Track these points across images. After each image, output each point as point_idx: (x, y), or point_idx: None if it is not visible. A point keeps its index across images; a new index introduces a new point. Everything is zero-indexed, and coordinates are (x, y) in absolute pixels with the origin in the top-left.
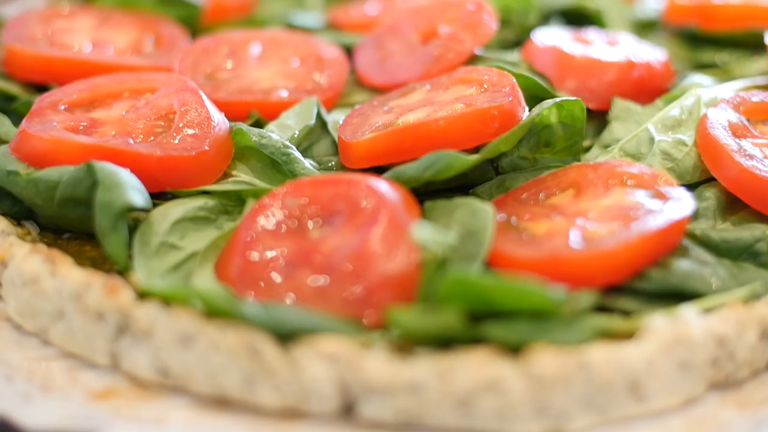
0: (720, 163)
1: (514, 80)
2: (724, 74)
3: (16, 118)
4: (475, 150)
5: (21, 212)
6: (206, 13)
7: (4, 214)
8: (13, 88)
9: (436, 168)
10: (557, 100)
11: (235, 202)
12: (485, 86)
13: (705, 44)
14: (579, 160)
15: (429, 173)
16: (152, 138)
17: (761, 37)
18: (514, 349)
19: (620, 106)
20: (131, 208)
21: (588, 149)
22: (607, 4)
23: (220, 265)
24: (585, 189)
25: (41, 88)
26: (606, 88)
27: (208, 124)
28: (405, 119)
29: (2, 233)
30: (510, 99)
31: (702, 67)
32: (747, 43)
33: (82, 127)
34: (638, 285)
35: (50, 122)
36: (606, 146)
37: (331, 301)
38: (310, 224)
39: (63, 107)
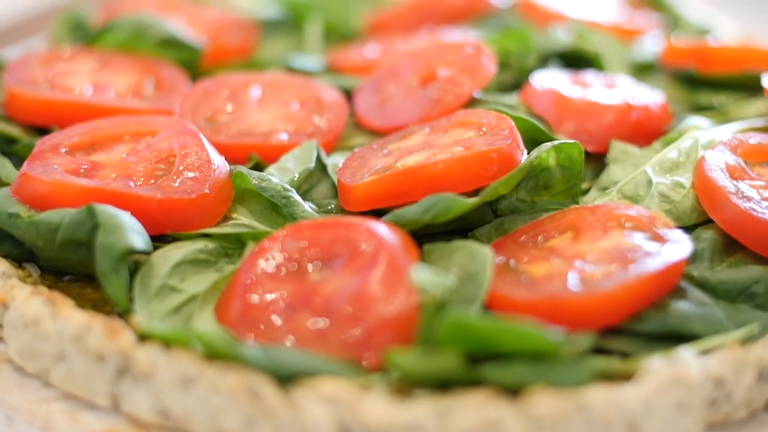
0: (717, 205)
1: (513, 123)
2: (721, 116)
3: (18, 160)
4: (474, 193)
5: (22, 254)
6: (206, 56)
7: (6, 257)
8: (14, 131)
9: (435, 211)
10: (555, 143)
11: (235, 244)
12: (484, 129)
13: (702, 86)
14: (577, 203)
15: (428, 216)
16: (153, 181)
17: (758, 80)
18: (513, 391)
19: (618, 148)
20: (132, 251)
21: (586, 192)
22: (605, 46)
23: (221, 308)
24: (583, 231)
25: (42, 130)
26: (604, 131)
27: (208, 167)
28: (404, 162)
29: (3, 275)
30: (508, 142)
31: (700, 109)
32: (744, 86)
33: (83, 170)
34: (636, 327)
35: (51, 165)
36: (604, 189)
37: (331, 343)
38: (309, 267)
39: (64, 150)
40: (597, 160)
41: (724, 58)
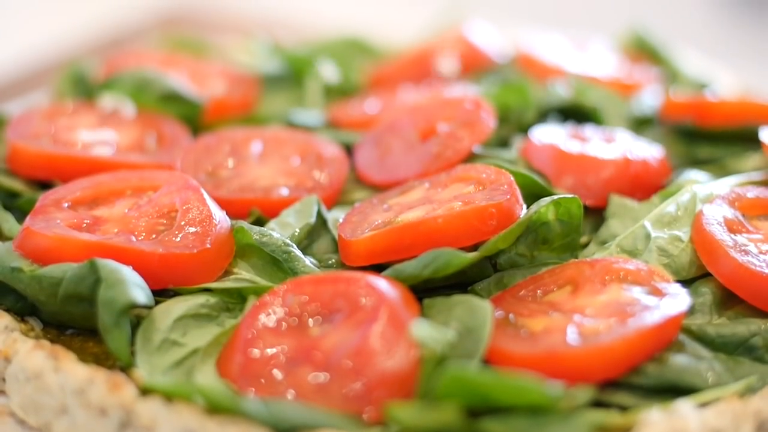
0: (716, 259)
1: (512, 178)
2: (720, 170)
3: (20, 214)
4: (474, 247)
5: (25, 308)
6: (207, 111)
7: (8, 310)
8: (16, 185)
9: (435, 266)
10: (554, 197)
11: (236, 299)
12: (483, 184)
13: (701, 140)
14: (576, 257)
15: (428, 271)
16: (154, 236)
17: (756, 133)
18: None
19: (617, 202)
20: (134, 305)
21: (585, 246)
22: (604, 101)
23: (222, 362)
24: (582, 286)
25: (45, 185)
26: (603, 185)
27: (209, 222)
28: (404, 217)
29: (6, 329)
30: (508, 197)
31: (698, 162)
32: (743, 139)
33: (85, 225)
34: (635, 380)
35: (54, 219)
36: (603, 243)
37: (332, 397)
38: (310, 321)
39: (66, 205)
40: (596, 214)
41: (723, 112)
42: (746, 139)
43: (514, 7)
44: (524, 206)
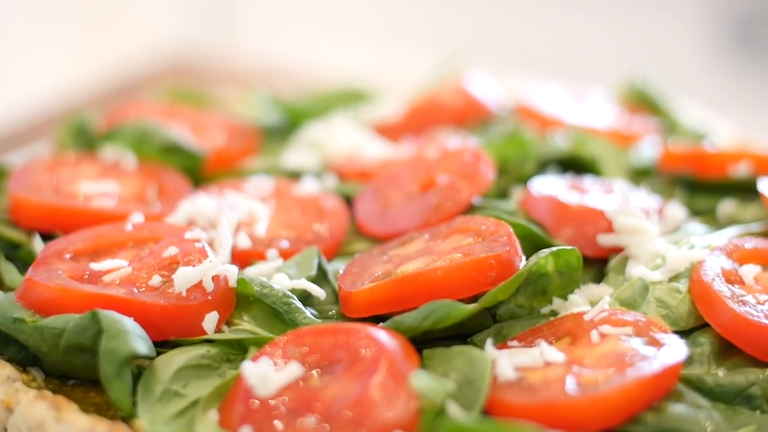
0: (713, 310)
1: (511, 230)
2: (718, 221)
3: (22, 265)
4: (474, 298)
5: (27, 359)
6: (208, 162)
7: (10, 361)
8: (18, 236)
9: (435, 318)
10: (554, 249)
11: (237, 350)
12: (483, 236)
13: (699, 191)
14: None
15: (427, 323)
16: (156, 286)
17: (755, 184)
18: None
19: (616, 254)
20: (135, 356)
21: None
22: (603, 152)
23: (223, 412)
24: (580, 337)
25: (47, 236)
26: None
27: (210, 273)
28: (404, 269)
29: (8, 379)
30: (507, 249)
31: (697, 213)
32: (741, 190)
33: (87, 276)
34: (634, 429)
35: (56, 271)
36: (602, 295)
37: None
38: (311, 372)
39: (68, 256)
40: (595, 265)
41: (721, 162)
42: (745, 190)
43: (514, 57)
44: (523, 258)
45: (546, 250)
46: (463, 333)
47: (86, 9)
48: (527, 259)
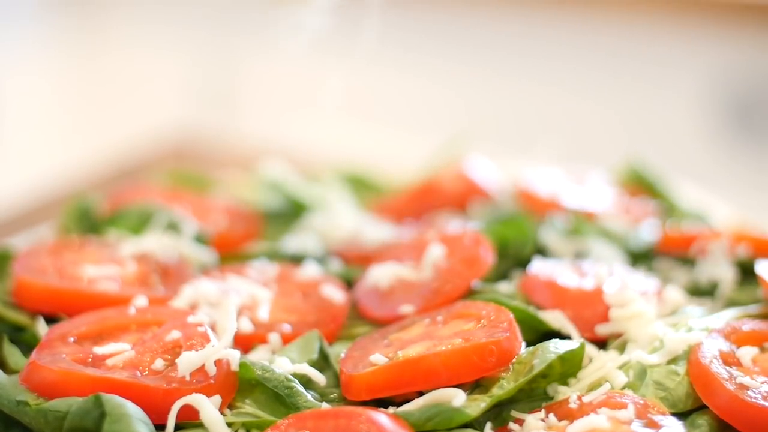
0: (711, 391)
1: (511, 316)
2: (715, 303)
3: (26, 348)
4: (474, 382)
5: None
6: (211, 245)
7: None
8: (23, 319)
9: (437, 420)
10: (560, 351)
11: None
12: (483, 321)
13: (698, 273)
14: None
15: (430, 424)
16: (159, 371)
17: (752, 266)
18: None
19: (615, 337)
20: None
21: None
22: (601, 235)
23: None
24: (580, 419)
25: (51, 319)
26: (600, 319)
27: (212, 358)
28: (405, 353)
29: None
30: (507, 335)
31: (696, 294)
32: (739, 271)
33: (90, 359)
34: None
35: (59, 354)
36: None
37: None
38: None
39: (72, 339)
40: (592, 345)
41: (718, 245)
42: (743, 272)
43: (513, 141)
44: (523, 343)
45: (552, 352)
46: None
47: (88, 93)
48: (527, 344)
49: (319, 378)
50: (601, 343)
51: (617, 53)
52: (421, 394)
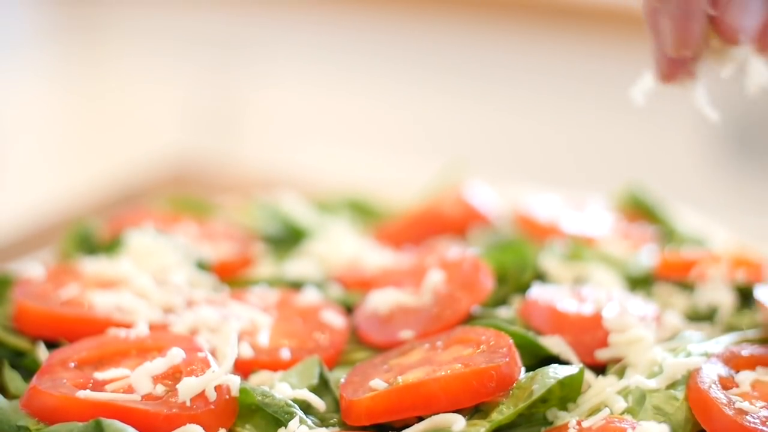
0: (710, 416)
1: (511, 341)
2: (715, 328)
3: (27, 373)
4: (474, 407)
5: None
6: (209, 271)
7: None
8: (23, 344)
9: None
10: (559, 377)
11: None
12: (483, 347)
13: (697, 298)
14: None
15: None
16: (159, 396)
17: (751, 291)
18: None
19: (614, 363)
20: None
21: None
22: (600, 260)
23: None
24: None
25: (51, 344)
26: (599, 344)
27: (213, 383)
28: (405, 378)
29: None
30: (506, 360)
31: (695, 319)
32: (738, 296)
33: (91, 384)
34: None
35: (60, 379)
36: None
37: None
38: None
39: (72, 364)
40: (592, 372)
41: (717, 270)
42: (741, 296)
43: (513, 166)
44: (523, 368)
45: (551, 373)
46: None
47: (89, 118)
48: (527, 369)
49: (318, 403)
50: (601, 368)
51: (615, 79)
52: (421, 419)
